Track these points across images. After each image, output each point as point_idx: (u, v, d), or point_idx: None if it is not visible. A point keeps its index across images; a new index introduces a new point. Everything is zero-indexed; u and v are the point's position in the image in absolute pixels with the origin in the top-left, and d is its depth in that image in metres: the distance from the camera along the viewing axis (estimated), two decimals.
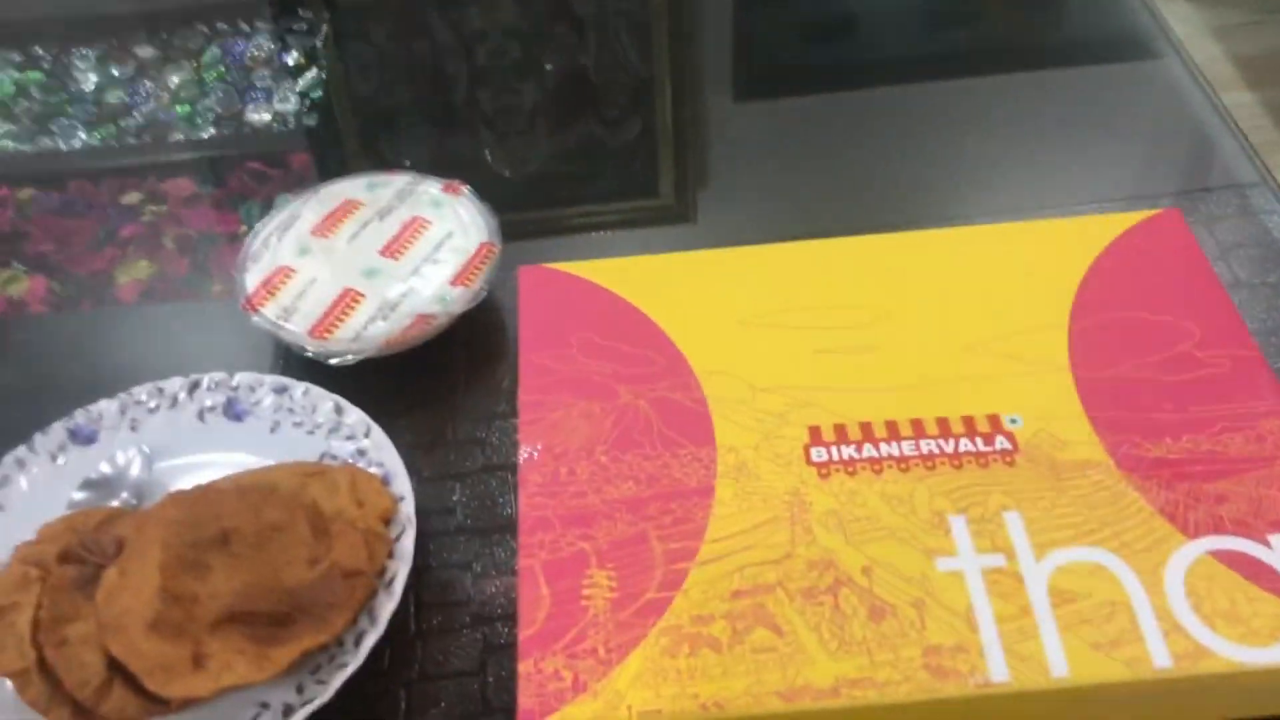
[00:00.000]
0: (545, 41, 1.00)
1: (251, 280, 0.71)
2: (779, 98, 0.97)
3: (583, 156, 0.91)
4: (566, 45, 1.00)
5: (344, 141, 0.93)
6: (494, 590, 0.62)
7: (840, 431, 0.59)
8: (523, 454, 0.60)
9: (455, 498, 0.66)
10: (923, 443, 0.58)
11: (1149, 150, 0.86)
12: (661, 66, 0.99)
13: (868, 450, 0.58)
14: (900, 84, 0.95)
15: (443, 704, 0.57)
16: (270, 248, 0.72)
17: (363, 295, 0.69)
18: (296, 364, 0.71)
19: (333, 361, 0.68)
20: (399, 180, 0.76)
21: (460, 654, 0.59)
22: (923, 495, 0.56)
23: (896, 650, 0.51)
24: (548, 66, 0.97)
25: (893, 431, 0.59)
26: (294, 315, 0.68)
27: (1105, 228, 0.68)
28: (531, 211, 0.84)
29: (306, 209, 0.75)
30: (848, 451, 0.58)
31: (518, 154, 0.90)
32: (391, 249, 0.72)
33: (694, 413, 0.61)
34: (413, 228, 0.73)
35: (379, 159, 0.91)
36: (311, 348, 0.68)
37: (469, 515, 0.65)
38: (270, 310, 0.69)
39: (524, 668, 0.52)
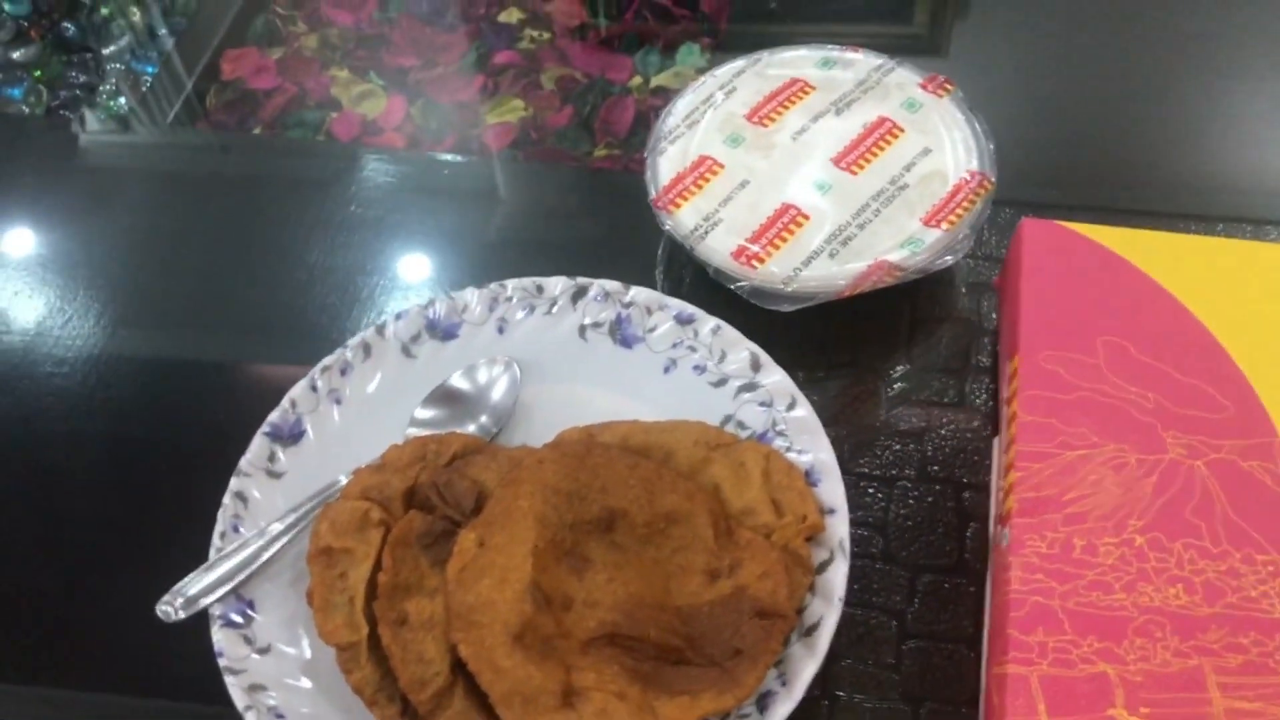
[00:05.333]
0: None
1: (665, 169, 0.55)
2: None
3: None
4: None
5: None
6: (933, 657, 0.46)
7: None
8: (1019, 499, 0.44)
9: (882, 511, 0.51)
10: None
11: None
12: None
13: None
14: None
15: None
16: (693, 128, 0.56)
17: (807, 217, 0.53)
18: (696, 282, 0.56)
19: (759, 300, 0.52)
20: (863, 62, 0.58)
21: None
22: None
23: None
24: None
25: None
26: (717, 227, 0.53)
27: None
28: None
29: (741, 83, 0.58)
30: None
31: None
32: (849, 158, 0.55)
33: (1278, 497, 0.42)
34: (879, 133, 0.55)
35: (817, 21, 0.73)
36: (737, 277, 0.52)
37: (902, 541, 0.50)
38: (688, 215, 0.53)
39: None
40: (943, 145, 0.55)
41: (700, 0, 0.75)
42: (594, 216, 0.62)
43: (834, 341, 0.55)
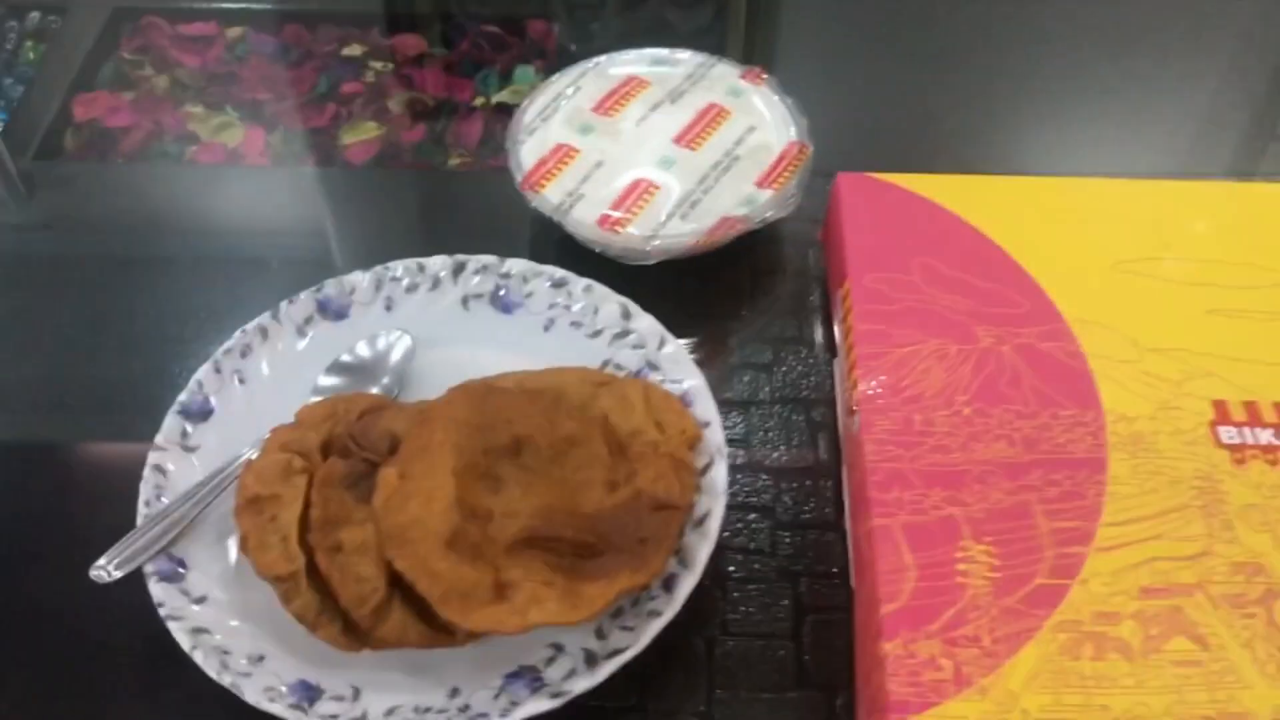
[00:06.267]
0: None
1: (527, 156, 0.62)
2: None
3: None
4: None
5: (587, 9, 0.83)
6: (803, 541, 0.53)
7: (1252, 411, 0.50)
8: (864, 391, 0.51)
9: (744, 428, 0.58)
10: None
11: None
12: None
13: None
14: None
15: (751, 667, 0.50)
16: (546, 122, 0.63)
17: (658, 187, 0.60)
18: (561, 252, 0.62)
19: (625, 260, 0.59)
20: (688, 60, 0.67)
21: (767, 612, 0.51)
22: None
23: None
24: None
25: None
26: (580, 202, 0.60)
27: None
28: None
29: (585, 83, 0.65)
30: (1264, 436, 0.49)
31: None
32: (687, 138, 0.62)
33: (1070, 368, 0.52)
34: (710, 115, 0.63)
35: (632, 32, 0.81)
36: (603, 242, 0.59)
37: (766, 451, 0.57)
38: (553, 193, 0.60)
39: (890, 648, 0.44)
40: (765, 123, 0.63)
41: (529, 27, 0.82)
42: (461, 208, 0.68)
43: (690, 296, 0.62)
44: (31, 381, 0.61)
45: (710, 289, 0.63)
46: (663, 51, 0.67)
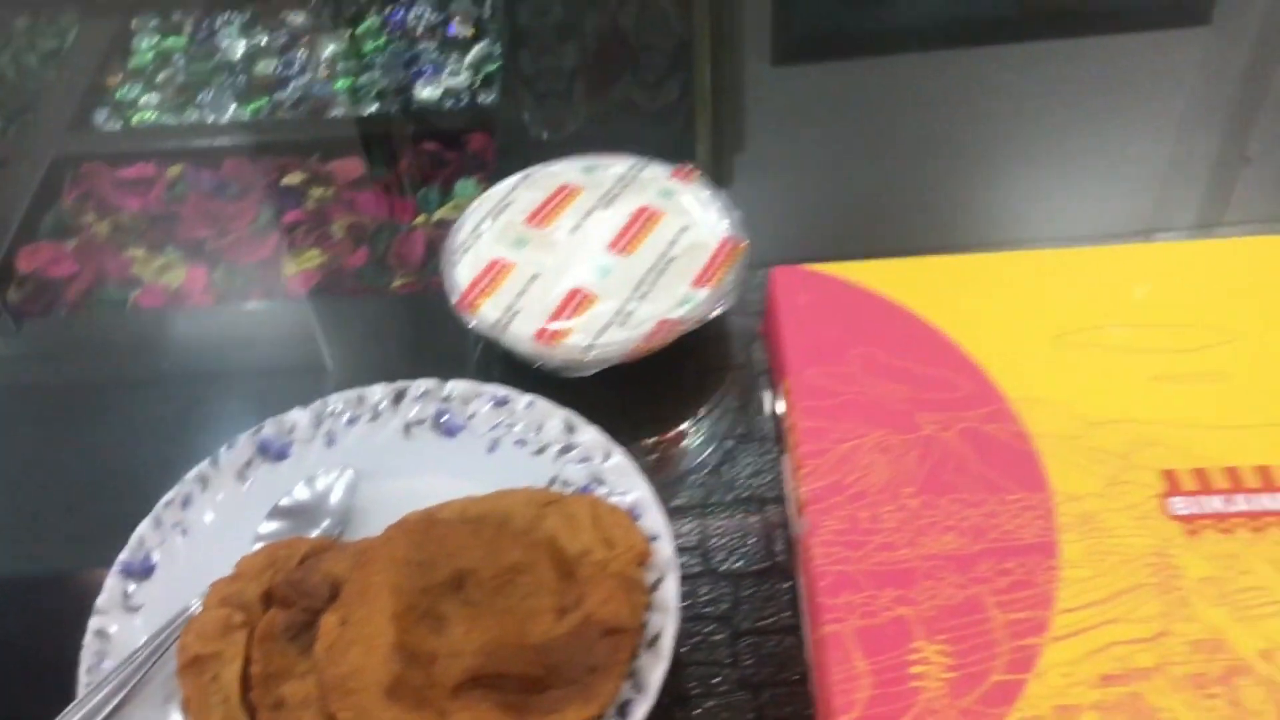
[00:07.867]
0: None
1: (462, 275, 0.61)
2: (817, 62, 0.88)
3: (619, 117, 0.83)
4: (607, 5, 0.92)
5: (526, 120, 0.83)
6: (764, 650, 0.52)
7: (1202, 478, 0.49)
8: (806, 491, 0.50)
9: (698, 534, 0.57)
10: None
11: None
12: (701, 28, 0.90)
13: (1240, 502, 0.48)
14: (948, 50, 0.86)
15: None
16: (481, 238, 0.63)
17: (595, 297, 0.60)
18: (508, 368, 0.61)
19: (566, 373, 0.59)
20: (620, 164, 0.67)
21: None
22: None
23: None
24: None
25: (1267, 481, 0.48)
26: (516, 317, 0.59)
27: None
28: None
29: (517, 194, 0.65)
30: (1214, 503, 0.48)
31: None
32: (621, 243, 0.62)
33: (1015, 449, 0.51)
34: (643, 219, 0.63)
35: (562, 138, 0.81)
36: (541, 356, 0.58)
37: (721, 556, 0.56)
38: (489, 310, 0.60)
39: None
40: (697, 221, 0.63)
41: (468, 142, 0.83)
42: (403, 331, 0.68)
43: (636, 402, 0.61)
44: None
45: (657, 393, 0.62)
46: (593, 159, 0.67)
